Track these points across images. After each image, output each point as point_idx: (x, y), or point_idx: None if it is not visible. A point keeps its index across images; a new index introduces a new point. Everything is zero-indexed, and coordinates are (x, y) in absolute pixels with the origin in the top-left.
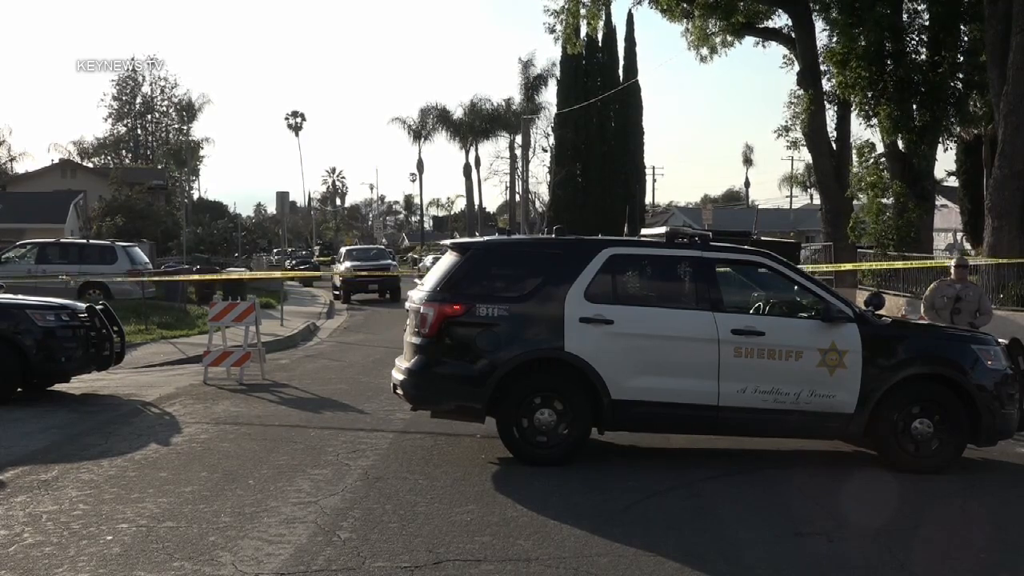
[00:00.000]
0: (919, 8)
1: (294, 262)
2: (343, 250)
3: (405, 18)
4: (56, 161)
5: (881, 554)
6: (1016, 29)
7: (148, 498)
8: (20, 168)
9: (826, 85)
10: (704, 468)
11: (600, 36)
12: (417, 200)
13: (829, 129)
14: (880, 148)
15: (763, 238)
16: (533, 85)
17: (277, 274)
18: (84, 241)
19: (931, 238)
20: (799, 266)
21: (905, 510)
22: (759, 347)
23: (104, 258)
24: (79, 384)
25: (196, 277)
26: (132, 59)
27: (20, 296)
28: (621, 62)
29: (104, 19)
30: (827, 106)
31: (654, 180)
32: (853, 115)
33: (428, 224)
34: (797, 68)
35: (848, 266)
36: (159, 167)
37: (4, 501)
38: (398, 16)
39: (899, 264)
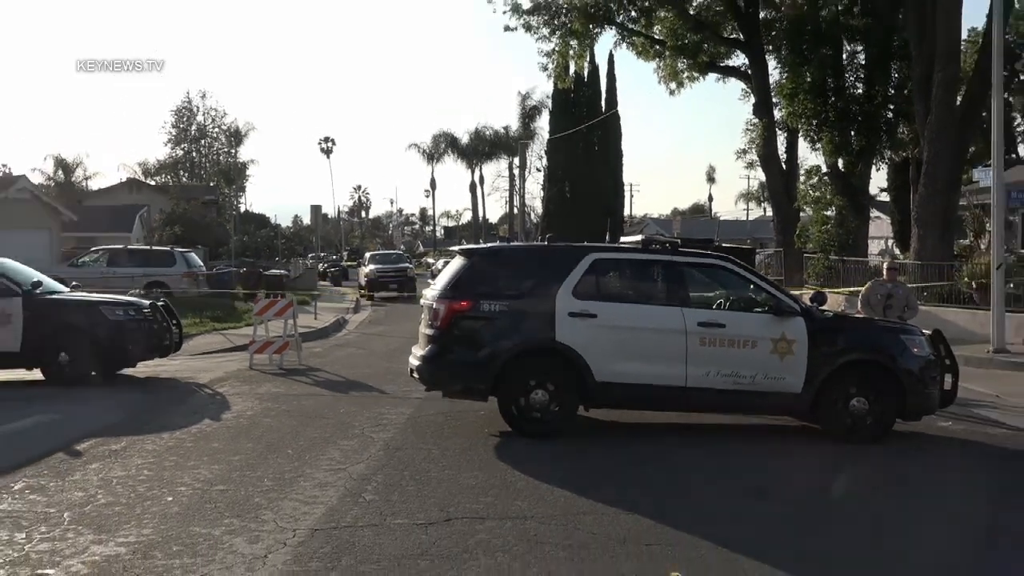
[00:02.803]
0: (857, 49)
1: (326, 265)
2: (367, 255)
3: (421, 58)
4: (124, 179)
5: (821, 511)
6: (938, 67)
7: (203, 465)
8: (94, 185)
9: (777, 115)
10: (675, 440)
11: (586, 73)
12: (430, 213)
13: (780, 152)
14: (823, 168)
15: (724, 244)
16: (529, 115)
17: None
18: (148, 247)
19: (866, 245)
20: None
21: (843, 475)
22: (721, 337)
23: (165, 262)
24: (144, 369)
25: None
26: (187, 92)
27: (94, 294)
28: (603, 95)
29: (163, 58)
30: (778, 132)
31: (631, 195)
32: (800, 140)
33: (440, 233)
34: (753, 100)
35: (797, 283)
36: (211, 184)
37: (81, 468)
38: (415, 56)
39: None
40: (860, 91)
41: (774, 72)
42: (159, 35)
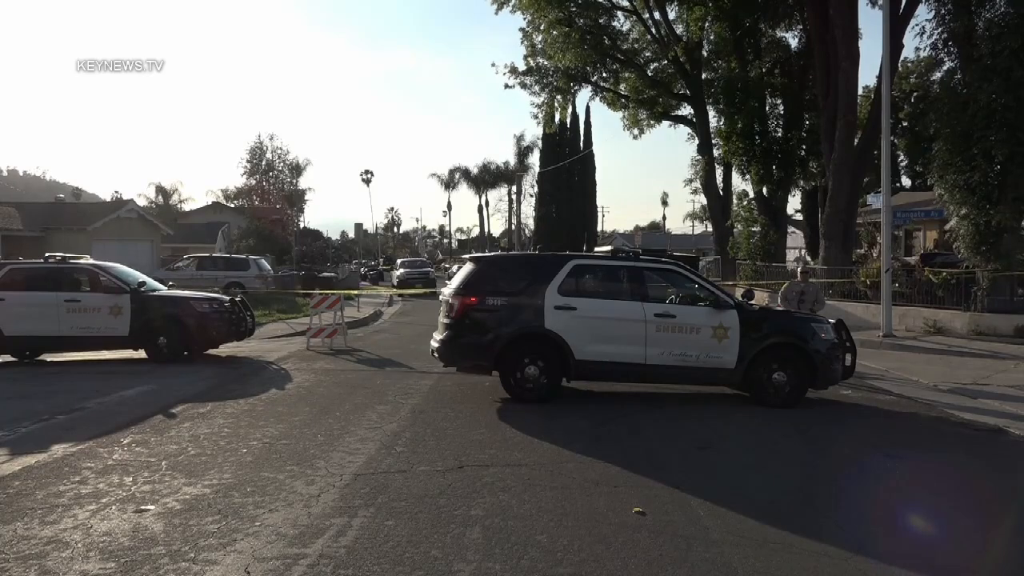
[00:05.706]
0: (777, 102)
1: (366, 270)
2: (399, 262)
3: (441, 107)
4: (210, 202)
5: (750, 458)
6: (840, 116)
7: (270, 424)
8: (187, 207)
9: (716, 153)
10: (638, 405)
11: (568, 121)
12: (447, 228)
13: (718, 181)
14: (751, 194)
15: (675, 253)
16: (523, 153)
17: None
18: (228, 255)
19: (784, 254)
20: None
21: (768, 432)
22: (672, 325)
23: (241, 266)
24: (225, 350)
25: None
26: (259, 135)
27: (186, 291)
28: (582, 137)
29: (235, 108)
30: (716, 166)
31: (603, 215)
32: (734, 172)
33: (454, 244)
34: (697, 142)
35: (730, 283)
36: (277, 206)
37: (176, 426)
38: (436, 106)
39: (762, 282)
40: (780, 134)
41: (713, 120)
42: (226, 84)
